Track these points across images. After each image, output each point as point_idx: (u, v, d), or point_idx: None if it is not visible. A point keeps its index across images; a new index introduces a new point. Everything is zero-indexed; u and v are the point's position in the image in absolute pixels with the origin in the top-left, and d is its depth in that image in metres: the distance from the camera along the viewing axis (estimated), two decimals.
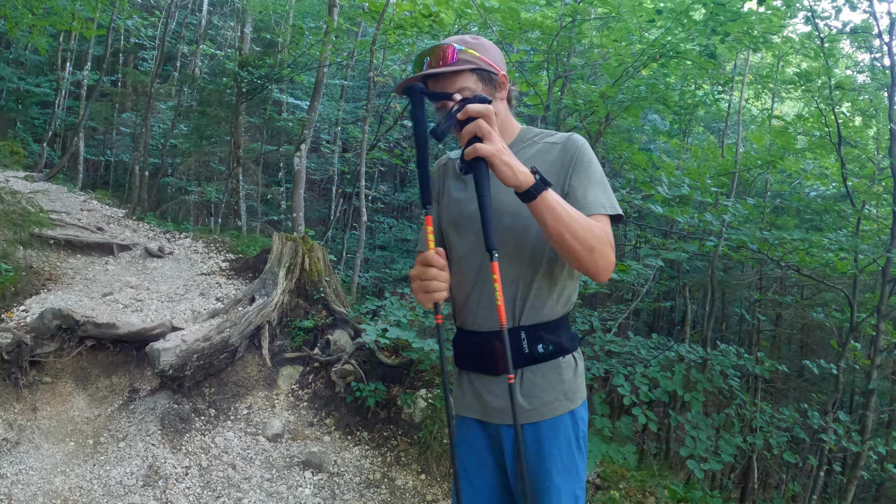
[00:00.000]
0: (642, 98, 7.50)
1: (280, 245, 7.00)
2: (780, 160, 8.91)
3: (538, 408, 2.14)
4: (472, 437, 2.26)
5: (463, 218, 2.21)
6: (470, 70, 2.09)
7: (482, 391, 2.20)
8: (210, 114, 14.24)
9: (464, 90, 2.06)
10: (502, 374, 2.12)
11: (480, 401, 2.21)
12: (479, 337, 2.19)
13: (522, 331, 2.13)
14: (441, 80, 2.09)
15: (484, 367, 2.19)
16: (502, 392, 2.14)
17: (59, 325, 5.66)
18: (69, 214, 9.43)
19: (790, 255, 7.15)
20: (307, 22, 12.83)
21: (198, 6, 19.01)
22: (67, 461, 4.81)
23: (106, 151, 19.56)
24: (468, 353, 2.24)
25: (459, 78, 2.08)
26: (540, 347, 2.13)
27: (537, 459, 2.14)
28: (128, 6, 15.56)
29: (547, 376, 2.15)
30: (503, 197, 2.08)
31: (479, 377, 2.22)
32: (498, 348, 2.09)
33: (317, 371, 6.17)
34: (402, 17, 9.08)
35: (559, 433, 2.15)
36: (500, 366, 2.12)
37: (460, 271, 2.21)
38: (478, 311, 2.18)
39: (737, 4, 6.94)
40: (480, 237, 2.05)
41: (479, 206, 1.91)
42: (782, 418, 6.72)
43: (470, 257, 2.19)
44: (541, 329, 2.14)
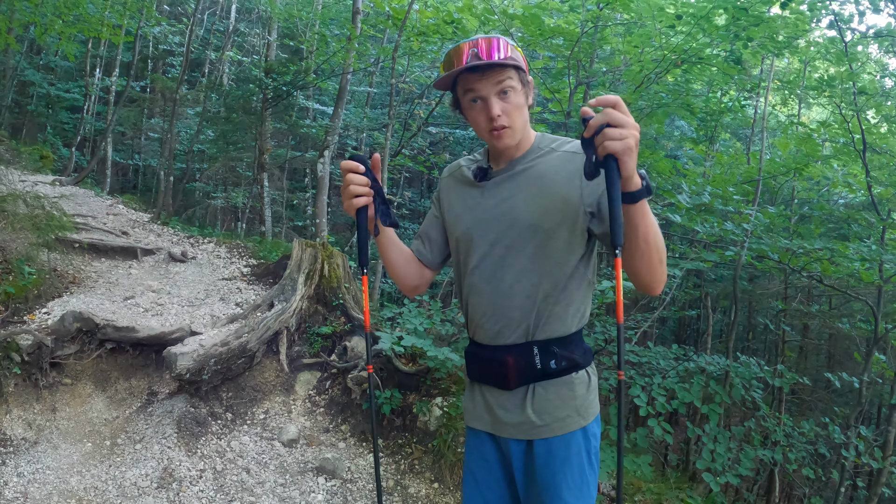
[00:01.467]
0: (665, 104, 7.45)
1: (300, 251, 7.02)
2: (804, 167, 8.79)
3: (549, 424, 2.09)
4: (484, 449, 2.24)
5: (479, 224, 2.15)
6: (514, 67, 2.02)
7: (493, 405, 2.17)
8: (236, 120, 14.34)
9: (507, 87, 2.01)
10: (515, 388, 2.11)
11: (492, 414, 2.18)
12: (490, 350, 2.15)
13: (535, 346, 2.08)
14: (489, 72, 2.01)
15: (495, 380, 2.15)
16: (513, 407, 2.12)
17: (79, 327, 5.72)
18: (95, 218, 9.53)
19: (813, 265, 7.04)
20: (332, 29, 12.85)
21: (225, 13, 19.19)
22: (84, 461, 4.85)
23: (134, 156, 19.81)
24: (480, 365, 2.20)
25: (507, 72, 2.01)
26: (552, 363, 2.08)
27: (548, 476, 2.10)
28: (155, 14, 15.72)
29: (559, 392, 2.10)
30: (523, 207, 2.06)
31: (490, 390, 2.18)
32: (510, 362, 2.08)
33: (334, 377, 6.18)
34: (425, 23, 9.10)
35: (570, 450, 2.10)
36: (512, 380, 2.10)
37: (473, 282, 2.16)
38: (488, 323, 2.14)
39: (760, 9, 6.87)
40: (496, 245, 2.08)
41: (609, 203, 1.74)
42: (803, 432, 6.62)
43: (483, 267, 2.14)
44: (554, 344, 2.08)
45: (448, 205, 2.29)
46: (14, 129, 18.72)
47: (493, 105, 2.02)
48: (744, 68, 8.70)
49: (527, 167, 2.11)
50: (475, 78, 2.02)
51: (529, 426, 2.10)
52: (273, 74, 12.25)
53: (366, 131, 15.66)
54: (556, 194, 2.03)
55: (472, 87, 2.04)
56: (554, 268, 2.05)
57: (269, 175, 14.03)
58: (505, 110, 2.03)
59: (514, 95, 2.03)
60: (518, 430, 2.12)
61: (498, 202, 2.12)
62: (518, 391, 2.11)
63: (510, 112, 2.04)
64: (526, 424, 2.10)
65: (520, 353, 2.08)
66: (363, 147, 16.22)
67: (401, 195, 17.14)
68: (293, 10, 15.04)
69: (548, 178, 2.06)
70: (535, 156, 2.13)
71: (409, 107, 14.24)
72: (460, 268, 2.24)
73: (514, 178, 2.12)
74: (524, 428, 2.11)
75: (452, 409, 5.44)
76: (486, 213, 2.12)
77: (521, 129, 2.08)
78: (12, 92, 18.70)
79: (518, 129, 2.07)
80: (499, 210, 2.11)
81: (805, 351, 13.85)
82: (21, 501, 4.34)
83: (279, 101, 13.13)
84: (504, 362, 2.09)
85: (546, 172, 2.07)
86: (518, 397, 2.11)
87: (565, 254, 2.05)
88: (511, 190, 2.10)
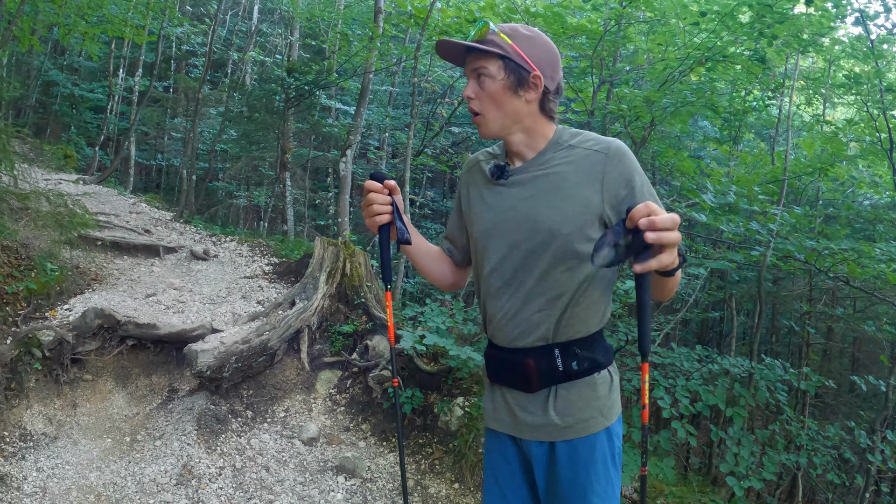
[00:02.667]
0: (689, 103, 7.37)
1: (321, 250, 7.01)
2: (830, 167, 8.68)
3: (573, 425, 2.06)
4: (506, 450, 2.21)
5: (497, 227, 2.10)
6: (497, 55, 1.99)
7: (515, 407, 2.13)
8: (258, 119, 14.38)
9: (480, 69, 2.00)
10: (536, 391, 2.08)
11: (513, 416, 2.14)
12: (510, 353, 2.12)
13: (556, 348, 2.05)
14: (472, 55, 2.03)
15: (517, 383, 2.12)
16: (535, 409, 2.09)
17: (100, 324, 5.74)
18: (118, 217, 9.59)
19: (839, 266, 6.95)
20: (354, 29, 12.86)
21: (247, 14, 19.27)
22: (103, 457, 4.87)
23: (157, 155, 19.93)
24: (500, 368, 2.17)
25: (483, 58, 2.00)
26: (574, 364, 2.05)
27: (572, 478, 2.07)
28: (178, 14, 15.81)
29: (582, 393, 2.07)
30: (543, 211, 2.03)
31: (511, 392, 2.14)
32: (531, 365, 2.05)
33: (355, 376, 6.16)
34: (447, 22, 9.08)
35: (595, 451, 2.08)
36: (534, 383, 2.07)
37: (491, 283, 2.13)
38: (507, 326, 2.10)
39: (784, 6, 6.79)
40: (515, 248, 2.05)
41: (639, 309, 1.78)
42: (827, 436, 6.53)
43: (502, 269, 2.10)
44: (575, 345, 2.05)
45: (468, 201, 2.26)
46: (38, 128, 18.89)
47: (468, 86, 2.04)
48: (768, 67, 8.61)
49: (546, 167, 2.07)
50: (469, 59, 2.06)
51: (552, 428, 2.07)
52: (295, 74, 12.27)
53: (388, 131, 15.66)
54: (576, 197, 2.00)
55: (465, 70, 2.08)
56: (574, 271, 2.02)
57: (291, 174, 14.07)
58: (477, 94, 2.03)
59: (488, 82, 2.01)
60: (540, 433, 2.09)
61: (516, 203, 2.08)
62: (540, 393, 2.09)
63: (482, 98, 2.03)
64: (549, 426, 2.07)
65: (541, 355, 2.06)
66: (386, 146, 16.22)
67: (423, 195, 17.12)
68: (315, 11, 15.09)
69: (568, 180, 2.02)
70: (555, 152, 2.08)
71: (431, 106, 14.23)
72: (477, 266, 2.21)
73: (534, 180, 2.07)
74: (547, 430, 2.08)
75: (474, 409, 5.41)
76: (505, 215, 2.09)
77: (496, 120, 2.06)
78: (37, 92, 18.88)
79: (491, 119, 2.05)
80: (518, 212, 2.07)
81: (829, 354, 13.68)
82: (40, 496, 4.35)
83: (301, 101, 13.15)
84: (525, 365, 2.07)
85: (566, 174, 2.03)
86: (540, 399, 2.08)
87: (585, 258, 1.99)
88: (531, 191, 2.06)
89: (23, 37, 11.67)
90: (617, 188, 1.98)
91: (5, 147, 6.22)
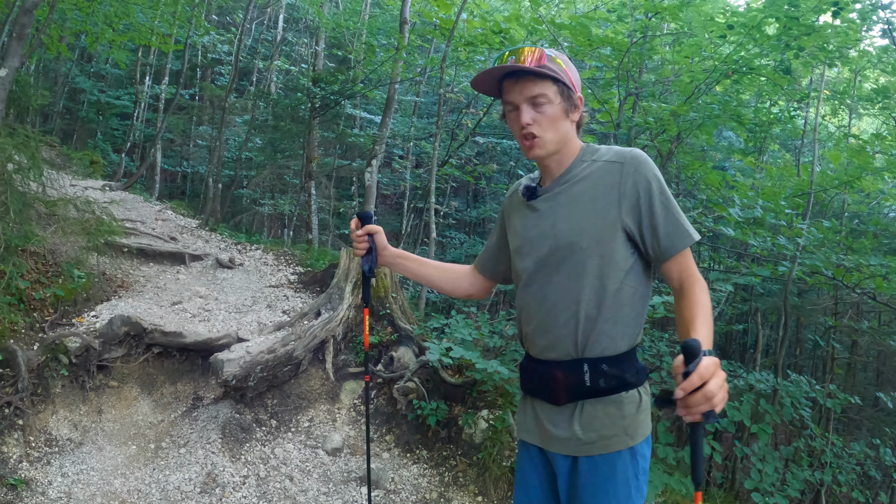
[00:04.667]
0: (715, 116, 7.34)
1: (347, 260, 7.03)
2: (857, 180, 8.61)
3: (595, 442, 2.08)
4: (536, 462, 2.24)
5: (526, 243, 2.19)
6: (553, 79, 2.04)
7: (543, 419, 2.17)
8: (284, 128, 14.46)
9: (539, 97, 2.03)
10: (564, 403, 2.11)
11: (541, 428, 2.18)
12: (541, 364, 2.16)
13: (585, 363, 2.07)
14: (522, 80, 2.05)
15: (546, 395, 2.16)
16: (561, 422, 2.12)
17: (127, 331, 5.78)
18: (144, 224, 9.64)
19: (867, 281, 6.88)
20: (379, 39, 12.94)
21: (273, 23, 19.40)
22: (128, 464, 4.90)
23: (183, 163, 20.06)
24: (532, 379, 2.23)
25: (540, 83, 2.03)
26: (602, 381, 2.06)
27: (590, 494, 2.08)
28: (204, 23, 15.95)
29: (607, 410, 2.08)
30: (562, 226, 2.09)
31: (541, 404, 2.19)
32: (559, 377, 2.09)
33: (379, 387, 6.16)
34: (472, 33, 9.10)
35: (616, 470, 2.07)
36: (561, 396, 2.10)
37: (524, 298, 2.20)
38: (539, 338, 2.16)
39: (810, 18, 6.76)
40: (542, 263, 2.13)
41: (692, 454, 1.74)
42: (852, 453, 6.46)
43: (532, 284, 2.17)
44: (604, 362, 2.06)
45: (509, 222, 2.33)
46: (65, 134, 19.07)
47: (524, 113, 2.05)
48: (793, 78, 8.56)
49: (569, 182, 2.14)
50: (510, 84, 2.08)
51: (576, 443, 2.09)
52: (321, 83, 12.33)
53: (413, 141, 15.69)
54: (592, 211, 2.06)
55: (508, 94, 2.09)
56: (596, 285, 2.05)
57: (316, 183, 14.12)
58: (536, 120, 2.06)
59: (548, 107, 2.06)
60: (564, 446, 2.11)
61: (541, 220, 2.16)
62: (567, 407, 2.11)
63: (542, 123, 2.06)
64: (572, 441, 2.09)
65: (569, 369, 2.08)
66: (410, 156, 16.24)
67: (447, 205, 17.13)
68: (340, 20, 15.16)
69: (586, 194, 2.08)
70: (577, 168, 2.14)
71: (456, 116, 14.24)
72: (515, 282, 2.32)
73: (556, 197, 2.15)
74: (571, 444, 2.10)
75: (498, 422, 5.39)
76: (533, 232, 2.17)
77: (553, 142, 2.10)
78: (63, 98, 19.07)
79: (549, 141, 2.09)
80: (542, 229, 2.14)
81: (853, 368, 13.55)
82: (65, 501, 4.39)
83: (327, 110, 13.22)
84: (553, 377, 2.11)
85: (584, 188, 2.09)
86: (567, 413, 2.11)
87: (607, 270, 2.05)
88: (553, 208, 2.14)
89: (51, 44, 11.84)
90: (633, 195, 2.03)
91: (34, 155, 6.28)
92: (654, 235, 2.03)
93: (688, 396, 1.61)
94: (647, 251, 2.06)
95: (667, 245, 2.03)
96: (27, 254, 6.16)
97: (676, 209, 2.06)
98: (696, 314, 1.95)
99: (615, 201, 2.03)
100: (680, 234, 2.03)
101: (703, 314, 1.95)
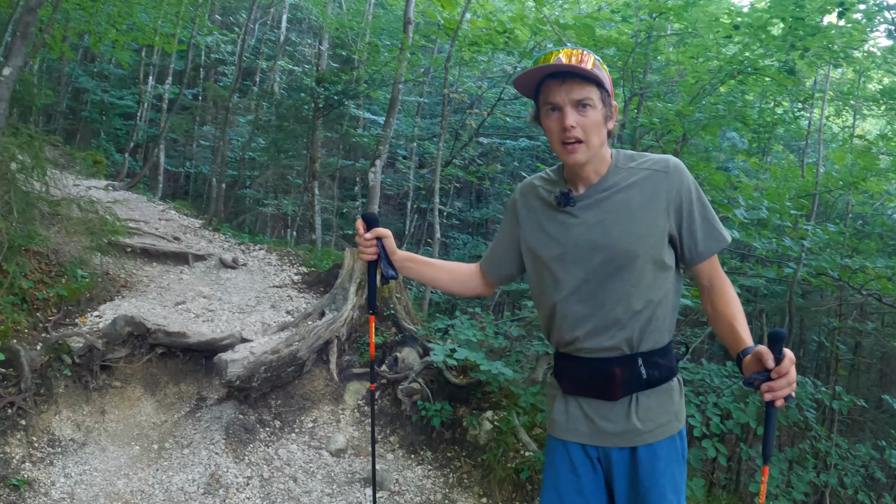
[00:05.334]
0: (720, 116, 7.32)
1: (351, 260, 7.02)
2: (862, 181, 8.58)
3: (653, 430, 2.18)
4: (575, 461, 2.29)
5: (572, 251, 2.19)
6: (597, 84, 2.06)
7: (594, 416, 2.23)
8: (287, 128, 14.45)
9: (585, 100, 2.04)
10: (619, 398, 2.19)
11: (592, 425, 2.24)
12: (592, 364, 2.21)
13: (640, 357, 2.17)
14: (568, 81, 2.05)
15: (599, 392, 2.22)
16: (616, 416, 2.20)
17: (130, 331, 5.77)
18: (147, 223, 9.64)
19: (872, 283, 6.85)
20: (383, 39, 12.90)
21: (276, 23, 19.39)
22: (131, 464, 4.88)
23: (186, 163, 20.03)
24: (580, 379, 2.26)
25: (587, 87, 2.05)
26: (656, 373, 2.18)
27: (652, 479, 2.18)
28: (208, 23, 15.94)
29: (661, 399, 2.21)
30: (617, 234, 2.13)
31: (590, 402, 2.25)
32: (617, 374, 2.17)
33: (383, 388, 6.15)
34: (476, 33, 9.08)
35: (671, 452, 2.21)
36: (618, 391, 2.18)
37: (569, 306, 2.21)
38: (591, 340, 2.19)
39: (815, 18, 6.74)
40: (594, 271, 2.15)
41: (765, 432, 2.07)
42: (858, 455, 6.43)
43: (580, 293, 2.19)
44: (655, 355, 2.19)
45: (528, 225, 2.33)
46: (68, 134, 19.06)
47: (568, 115, 2.05)
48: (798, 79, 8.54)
49: (612, 189, 2.16)
50: (555, 85, 2.06)
51: (634, 433, 2.18)
52: (325, 84, 12.31)
53: (416, 141, 15.67)
54: (645, 218, 2.12)
55: (551, 95, 2.07)
56: (652, 286, 2.15)
57: (319, 183, 14.10)
58: (580, 123, 2.05)
59: (592, 112, 2.06)
60: (622, 439, 2.20)
61: (587, 229, 2.16)
62: (622, 401, 2.20)
63: (586, 126, 2.06)
64: (630, 432, 2.18)
65: (626, 364, 2.17)
66: (414, 156, 16.21)
67: (451, 205, 17.11)
68: (344, 21, 15.13)
69: (635, 201, 2.13)
70: (617, 176, 2.17)
71: (460, 117, 14.22)
72: (547, 289, 2.27)
73: (600, 204, 2.16)
74: (628, 436, 2.19)
75: (503, 423, 5.38)
76: (579, 239, 2.17)
77: (595, 147, 2.11)
78: (67, 98, 19.07)
79: (592, 146, 2.10)
80: (591, 237, 2.15)
81: (856, 369, 13.51)
82: (68, 502, 4.39)
83: (330, 111, 13.20)
84: (611, 374, 2.18)
85: (632, 196, 2.13)
86: (622, 407, 2.19)
87: (658, 272, 2.16)
88: (600, 216, 2.15)
89: (54, 44, 11.82)
90: (677, 202, 2.13)
91: (38, 154, 6.28)
92: (692, 239, 2.16)
93: (774, 381, 1.88)
94: (684, 253, 2.19)
95: (703, 248, 2.16)
96: (30, 253, 6.15)
97: (712, 214, 2.18)
98: (735, 311, 2.14)
99: (663, 209, 2.12)
100: (715, 238, 2.17)
101: (741, 310, 2.16)
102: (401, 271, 2.48)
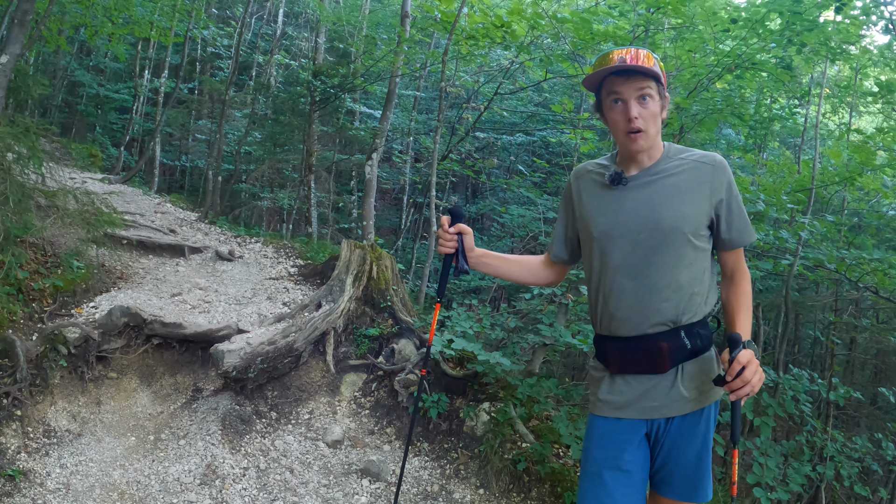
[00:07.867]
0: (717, 111, 7.32)
1: (348, 252, 7.01)
2: (858, 177, 8.59)
3: (697, 397, 2.38)
4: (627, 437, 2.43)
5: (619, 226, 2.39)
6: (655, 79, 2.31)
7: (643, 391, 2.41)
8: (283, 122, 14.46)
9: (648, 91, 2.29)
10: (667, 370, 2.38)
11: (643, 399, 2.41)
12: (638, 341, 2.38)
13: (682, 330, 2.36)
14: (633, 77, 2.29)
15: (647, 367, 2.39)
16: (664, 388, 2.39)
17: (126, 322, 5.76)
18: (143, 216, 9.62)
19: (868, 277, 6.86)
20: (380, 33, 12.92)
21: (273, 17, 19.35)
22: (127, 455, 4.88)
23: (182, 156, 20.00)
24: (627, 357, 2.42)
25: (648, 81, 2.30)
26: (699, 342, 2.39)
27: (694, 444, 2.40)
28: (204, 17, 15.89)
29: (704, 367, 2.41)
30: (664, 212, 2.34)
31: (638, 378, 2.42)
32: (664, 347, 2.35)
33: (380, 379, 6.15)
34: (474, 27, 9.06)
35: (711, 417, 2.42)
36: (666, 363, 2.37)
37: (616, 280, 2.40)
38: (636, 316, 2.38)
39: (813, 14, 6.75)
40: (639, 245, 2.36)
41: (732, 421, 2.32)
42: (854, 448, 6.45)
43: (626, 265, 2.38)
44: (696, 327, 2.39)
45: (583, 206, 2.54)
46: (64, 127, 19.02)
47: (632, 107, 2.30)
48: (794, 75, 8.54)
49: (662, 174, 2.40)
50: (620, 81, 2.31)
51: (682, 402, 2.38)
52: (321, 77, 12.29)
53: (413, 135, 15.65)
54: (691, 201, 2.35)
55: (615, 90, 2.32)
56: (693, 263, 2.37)
57: (316, 177, 14.08)
58: (642, 115, 2.31)
59: (651, 103, 2.32)
60: (671, 409, 2.39)
61: (637, 206, 2.39)
62: (668, 374, 2.38)
63: (646, 117, 2.32)
64: (678, 401, 2.38)
65: (671, 338, 2.36)
66: (410, 150, 16.19)
67: (447, 200, 17.09)
68: (341, 14, 15.10)
69: (683, 185, 2.37)
70: (668, 163, 2.41)
71: (456, 111, 14.20)
72: (596, 265, 2.48)
73: (651, 184, 2.39)
74: (677, 405, 2.38)
75: (500, 414, 5.38)
76: (627, 216, 2.39)
77: (653, 135, 2.36)
78: (63, 92, 19.02)
79: (651, 135, 2.35)
80: (639, 213, 2.37)
81: (852, 365, 13.54)
82: (63, 493, 4.37)
83: (327, 104, 13.18)
84: (659, 349, 2.36)
85: (680, 180, 2.37)
86: (669, 378, 2.39)
87: (700, 251, 2.38)
88: (650, 195, 2.38)
89: (50, 37, 11.79)
90: (720, 192, 2.37)
91: (34, 145, 6.25)
92: (728, 228, 2.40)
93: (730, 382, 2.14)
94: (718, 238, 2.43)
95: (736, 237, 2.42)
96: (26, 244, 6.14)
97: (744, 210, 2.42)
98: (741, 305, 2.43)
99: (707, 195, 2.35)
100: (747, 231, 2.43)
101: (747, 305, 2.43)
102: (477, 267, 2.68)
